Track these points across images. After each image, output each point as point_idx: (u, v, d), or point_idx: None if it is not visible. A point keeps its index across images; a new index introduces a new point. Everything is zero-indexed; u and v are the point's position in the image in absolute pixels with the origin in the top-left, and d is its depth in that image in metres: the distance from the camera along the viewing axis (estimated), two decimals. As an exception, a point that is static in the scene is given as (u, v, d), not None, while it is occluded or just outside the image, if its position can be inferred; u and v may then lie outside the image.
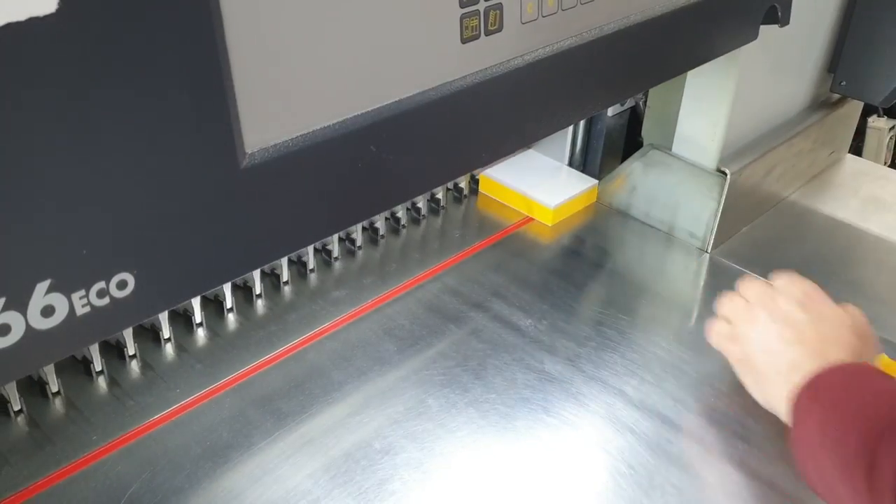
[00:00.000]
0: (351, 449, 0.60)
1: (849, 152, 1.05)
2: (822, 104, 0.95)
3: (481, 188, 0.92)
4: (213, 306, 0.72)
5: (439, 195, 0.88)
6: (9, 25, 0.29)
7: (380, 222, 0.83)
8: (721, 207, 0.81)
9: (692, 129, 0.83)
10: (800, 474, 0.54)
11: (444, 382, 0.66)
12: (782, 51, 0.83)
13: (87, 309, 0.35)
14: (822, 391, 0.54)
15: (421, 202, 0.86)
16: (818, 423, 0.52)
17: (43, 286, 0.33)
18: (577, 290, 0.77)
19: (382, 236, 0.83)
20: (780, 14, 0.71)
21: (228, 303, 0.72)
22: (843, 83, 0.91)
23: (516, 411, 0.63)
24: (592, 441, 0.61)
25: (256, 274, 0.73)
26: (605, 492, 0.57)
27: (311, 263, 0.77)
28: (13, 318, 0.33)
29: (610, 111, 0.92)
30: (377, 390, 0.65)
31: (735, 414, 0.64)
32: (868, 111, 1.24)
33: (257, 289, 0.73)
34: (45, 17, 0.30)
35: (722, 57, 0.71)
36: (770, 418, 0.63)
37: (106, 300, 0.35)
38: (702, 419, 0.63)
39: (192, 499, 0.56)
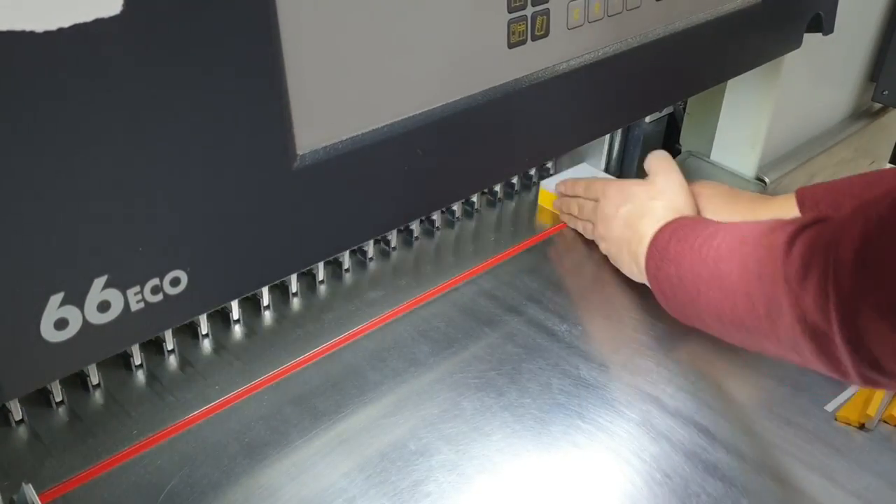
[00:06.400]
0: (386, 449, 0.60)
1: (889, 162, 1.04)
2: (863, 113, 0.94)
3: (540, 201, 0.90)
4: (250, 304, 0.73)
5: (473, 198, 0.88)
6: (76, 26, 0.30)
7: (414, 225, 0.83)
8: (759, 216, 0.81)
9: (732, 137, 0.82)
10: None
11: (479, 386, 0.66)
12: (825, 59, 0.82)
13: (142, 305, 0.36)
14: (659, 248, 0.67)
15: (456, 206, 0.86)
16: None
17: (100, 282, 0.34)
18: (612, 296, 0.77)
19: (417, 238, 0.83)
20: (824, 23, 0.71)
21: (265, 300, 0.72)
22: (886, 93, 0.90)
23: (551, 416, 0.63)
24: (627, 448, 0.61)
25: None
26: (640, 499, 0.57)
27: (347, 263, 0.78)
28: (71, 313, 0.34)
29: (647, 117, 0.91)
30: (412, 392, 0.65)
31: (771, 423, 0.63)
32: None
33: (293, 287, 0.74)
34: (110, 18, 0.31)
35: (764, 65, 0.70)
36: (805, 428, 0.62)
37: (160, 296, 0.36)
38: (737, 428, 0.63)
39: (230, 495, 0.56)
